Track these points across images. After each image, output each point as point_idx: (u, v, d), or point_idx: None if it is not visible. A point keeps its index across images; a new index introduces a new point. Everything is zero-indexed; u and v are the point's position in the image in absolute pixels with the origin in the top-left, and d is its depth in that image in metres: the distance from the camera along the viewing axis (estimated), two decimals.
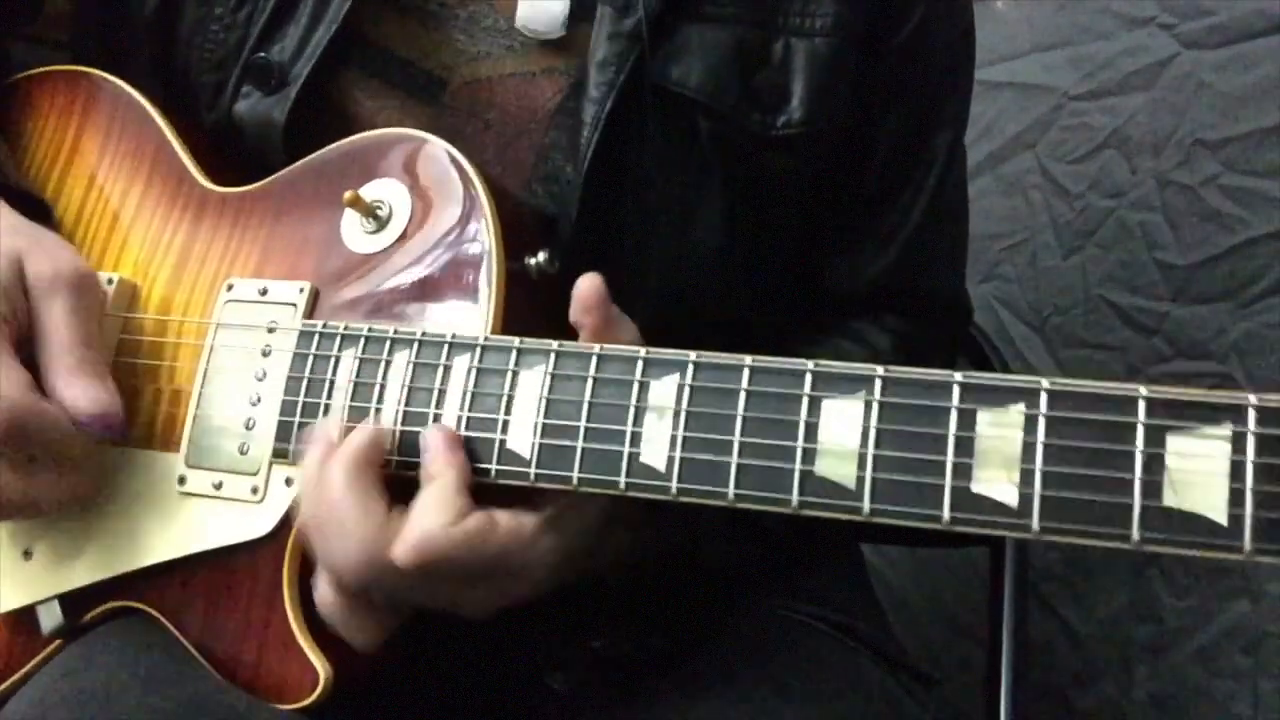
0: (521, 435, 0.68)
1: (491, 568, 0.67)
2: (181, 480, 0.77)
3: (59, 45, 0.99)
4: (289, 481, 0.74)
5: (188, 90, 0.89)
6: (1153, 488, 0.55)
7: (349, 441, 0.69)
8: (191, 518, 0.76)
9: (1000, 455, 0.58)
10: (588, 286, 0.70)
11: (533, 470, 0.68)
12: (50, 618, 0.79)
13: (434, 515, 0.66)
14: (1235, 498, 0.54)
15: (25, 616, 0.81)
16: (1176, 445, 0.55)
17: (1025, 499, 0.57)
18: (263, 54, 0.86)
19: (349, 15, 0.85)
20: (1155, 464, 0.56)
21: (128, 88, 0.89)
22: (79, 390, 0.74)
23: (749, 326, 0.88)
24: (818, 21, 0.87)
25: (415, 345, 0.72)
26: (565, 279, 0.72)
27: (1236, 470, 0.54)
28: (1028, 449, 0.58)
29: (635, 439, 0.66)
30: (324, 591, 0.70)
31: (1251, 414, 0.54)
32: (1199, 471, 0.55)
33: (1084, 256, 1.39)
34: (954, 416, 0.59)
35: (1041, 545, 1.37)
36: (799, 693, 0.78)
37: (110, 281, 0.83)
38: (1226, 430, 0.55)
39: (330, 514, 0.67)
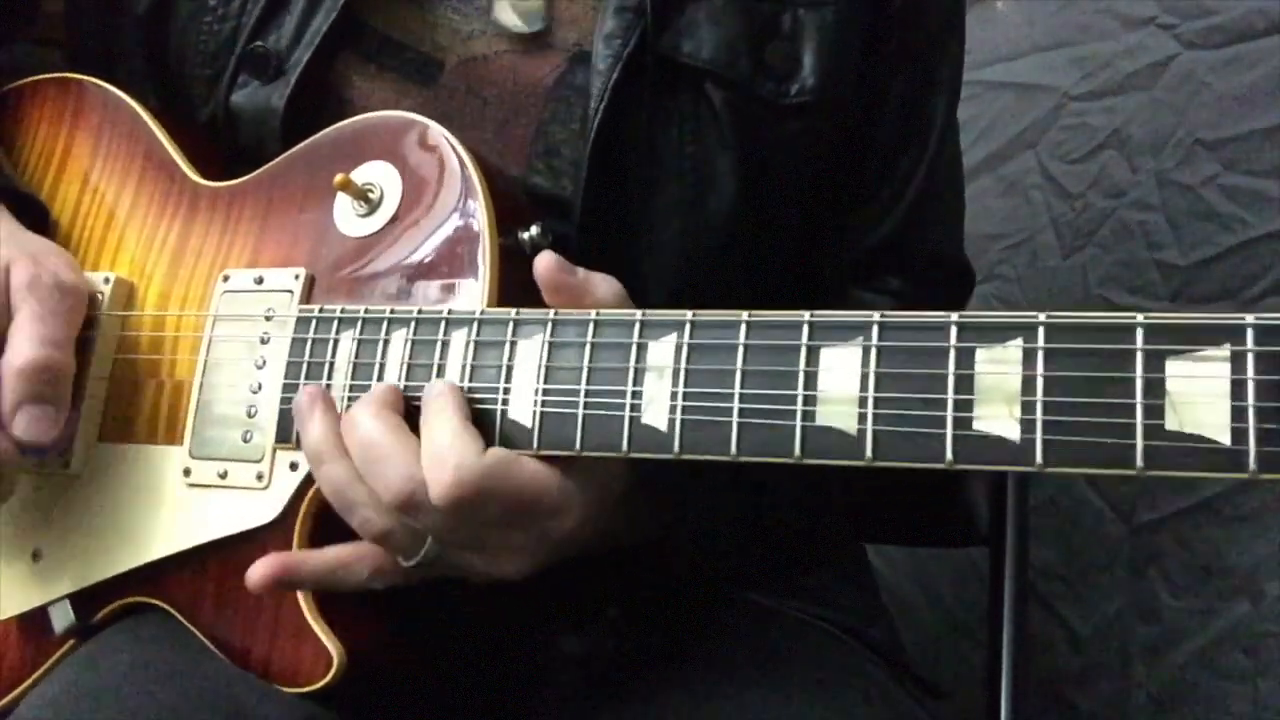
0: (523, 405, 0.68)
1: (527, 503, 0.67)
2: (187, 472, 0.78)
3: (53, 44, 0.99)
4: (293, 466, 0.74)
5: (181, 86, 0.90)
6: (1154, 413, 0.55)
7: (369, 393, 0.70)
8: (198, 508, 0.77)
9: (1000, 391, 0.58)
10: (543, 266, 0.70)
11: (535, 439, 0.68)
12: (62, 618, 0.80)
13: (461, 447, 0.66)
14: (1238, 417, 0.54)
15: (38, 618, 0.81)
16: (1176, 369, 0.55)
17: (1028, 434, 0.57)
18: (260, 43, 0.87)
19: (347, 1, 0.85)
20: (1155, 389, 0.55)
21: (117, 91, 0.90)
22: (16, 417, 0.74)
23: (755, 301, 0.89)
24: None
25: (412, 323, 0.72)
26: (574, 253, 0.72)
27: (1238, 389, 0.54)
28: (1027, 383, 0.57)
29: (636, 401, 0.66)
30: (360, 567, 0.71)
31: (1250, 333, 0.54)
32: (1200, 393, 0.54)
33: (1084, 256, 1.39)
34: (952, 356, 0.59)
35: (1041, 545, 1.37)
36: (799, 692, 0.79)
37: (107, 281, 0.83)
38: (1225, 350, 0.54)
39: (366, 452, 0.67)
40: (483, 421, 0.69)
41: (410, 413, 0.70)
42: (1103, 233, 1.37)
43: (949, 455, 0.59)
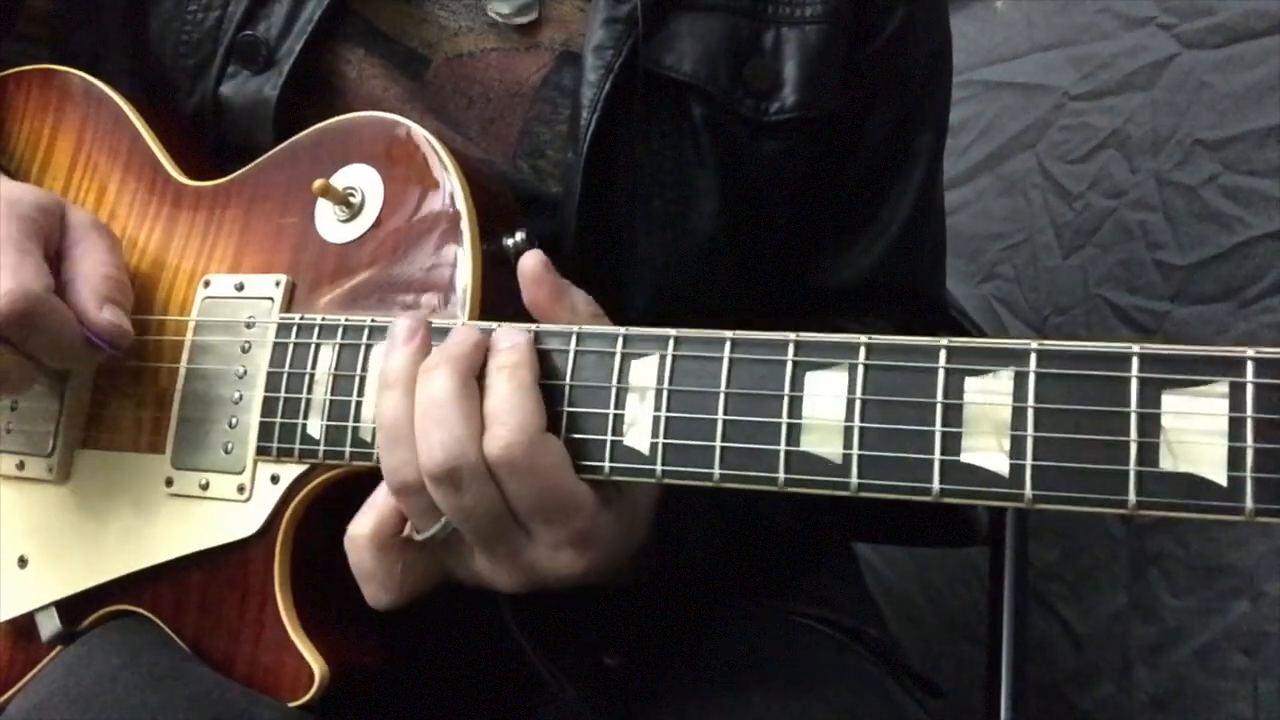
0: None
1: (564, 501, 0.65)
2: (169, 482, 0.77)
3: (38, 41, 0.98)
4: (274, 479, 0.74)
5: (164, 77, 0.89)
6: (1149, 450, 0.53)
7: (458, 345, 0.67)
8: (180, 519, 0.76)
9: (990, 421, 0.56)
10: (531, 262, 0.69)
11: None
12: (49, 624, 0.79)
13: (532, 411, 0.64)
14: (1235, 457, 0.52)
15: (24, 624, 0.80)
16: (1172, 404, 0.53)
17: (1017, 466, 0.56)
18: (249, 32, 0.86)
19: None
20: (1151, 425, 0.54)
21: (100, 84, 0.89)
22: (104, 309, 0.75)
23: (739, 316, 0.88)
24: (807, 10, 0.88)
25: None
26: (563, 258, 0.72)
27: (1236, 428, 0.52)
28: (1018, 414, 0.56)
29: (618, 422, 0.64)
30: (358, 534, 0.69)
31: (1250, 368, 0.52)
32: (1196, 430, 0.53)
33: (1084, 256, 1.39)
34: (941, 383, 0.58)
35: (1041, 545, 1.37)
36: (798, 693, 0.78)
37: None
38: (1224, 386, 0.53)
39: (427, 409, 0.65)
40: None
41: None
42: (1103, 233, 1.37)
43: (936, 486, 0.57)
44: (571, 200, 0.83)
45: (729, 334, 0.63)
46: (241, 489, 0.74)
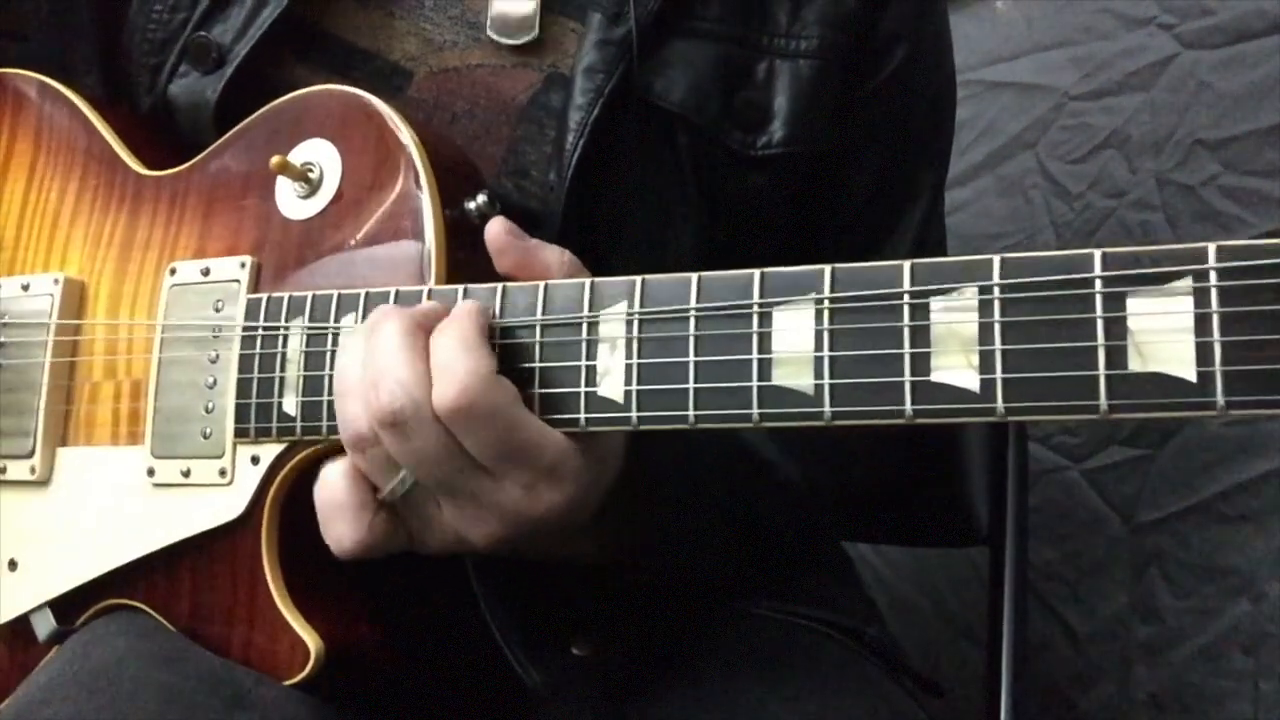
0: None
1: (526, 444, 0.64)
2: (150, 472, 0.77)
3: (19, 38, 0.97)
4: (255, 460, 0.74)
5: (127, 74, 0.89)
6: (1117, 353, 0.54)
7: (412, 306, 0.67)
8: (165, 508, 0.76)
9: (957, 339, 0.57)
10: (494, 232, 0.69)
11: None
12: (44, 624, 0.79)
13: (477, 359, 0.63)
14: (1203, 352, 0.52)
15: (20, 627, 0.81)
16: (1137, 306, 0.53)
17: (987, 382, 0.56)
18: (203, 33, 0.86)
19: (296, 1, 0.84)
20: (1117, 328, 0.54)
21: (55, 84, 0.89)
22: None
23: None
24: (803, 44, 0.86)
25: (361, 305, 0.71)
26: None
27: (1202, 324, 0.52)
28: (985, 329, 0.56)
29: (590, 373, 0.65)
30: (332, 469, 0.68)
31: (1212, 264, 0.52)
32: (1163, 330, 0.53)
33: None
34: (907, 306, 0.58)
35: (1041, 545, 1.37)
36: (798, 693, 0.78)
37: (56, 282, 0.82)
38: (1187, 284, 0.53)
39: (372, 358, 0.65)
40: None
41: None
42: (1103, 233, 1.37)
43: (908, 409, 0.57)
44: (554, 222, 0.82)
45: (695, 275, 0.64)
46: (223, 473, 0.74)
